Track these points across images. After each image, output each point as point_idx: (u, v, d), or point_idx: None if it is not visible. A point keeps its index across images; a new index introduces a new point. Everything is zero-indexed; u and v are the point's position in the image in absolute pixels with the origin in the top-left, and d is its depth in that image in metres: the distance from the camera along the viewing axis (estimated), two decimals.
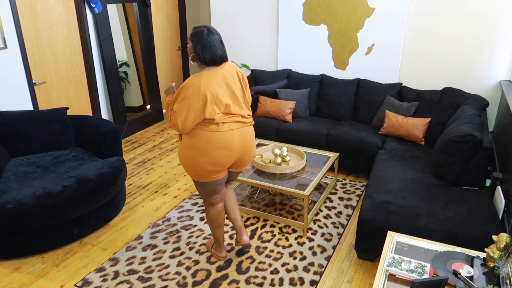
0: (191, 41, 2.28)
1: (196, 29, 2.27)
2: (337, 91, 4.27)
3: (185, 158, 2.37)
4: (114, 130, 3.34)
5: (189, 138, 2.32)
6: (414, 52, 4.07)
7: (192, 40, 2.27)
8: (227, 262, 2.71)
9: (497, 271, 1.78)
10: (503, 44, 3.69)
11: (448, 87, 3.92)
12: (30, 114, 3.28)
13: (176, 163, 4.27)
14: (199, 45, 2.23)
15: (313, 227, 3.12)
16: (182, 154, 2.39)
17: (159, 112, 5.62)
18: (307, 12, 4.43)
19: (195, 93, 2.19)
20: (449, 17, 3.82)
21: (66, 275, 2.59)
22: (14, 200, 2.57)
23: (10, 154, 3.18)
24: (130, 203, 3.45)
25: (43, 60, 3.93)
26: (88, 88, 4.51)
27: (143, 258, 2.75)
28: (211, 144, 2.28)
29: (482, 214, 2.44)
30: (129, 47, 5.41)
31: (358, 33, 4.24)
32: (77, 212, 2.79)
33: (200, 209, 3.36)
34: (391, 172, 3.01)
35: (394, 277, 1.83)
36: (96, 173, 2.95)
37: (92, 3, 4.22)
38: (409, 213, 2.49)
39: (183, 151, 2.37)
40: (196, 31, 2.26)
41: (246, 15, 4.78)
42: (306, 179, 3.19)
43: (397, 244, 2.06)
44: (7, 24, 3.47)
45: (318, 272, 2.63)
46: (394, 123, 3.73)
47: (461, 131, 2.75)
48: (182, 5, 5.94)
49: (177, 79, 6.23)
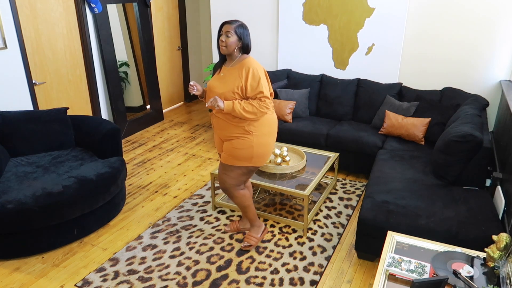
0: (236, 34, 2.47)
1: (238, 21, 2.50)
2: (337, 91, 4.27)
3: (263, 146, 2.59)
4: (114, 130, 3.34)
5: (263, 127, 2.56)
6: (414, 52, 4.07)
7: (238, 32, 2.48)
8: (227, 262, 2.71)
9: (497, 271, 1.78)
10: (503, 44, 3.69)
11: (448, 87, 3.92)
12: (30, 114, 3.28)
13: (176, 163, 4.27)
14: (249, 36, 2.54)
15: (313, 227, 3.12)
16: (260, 142, 2.56)
17: (159, 112, 5.62)
18: (307, 12, 4.43)
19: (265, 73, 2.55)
20: (449, 17, 3.82)
21: (66, 275, 2.59)
22: (14, 200, 2.57)
23: (10, 154, 3.18)
24: (130, 203, 3.45)
25: (43, 60, 3.93)
26: (88, 88, 4.51)
27: (143, 258, 2.75)
28: (275, 124, 2.68)
29: (482, 214, 2.44)
30: (129, 47, 5.41)
31: (358, 33, 4.24)
32: (77, 212, 2.79)
33: (200, 209, 3.36)
34: (391, 172, 3.01)
35: (394, 277, 1.83)
36: (96, 173, 2.95)
37: (92, 3, 4.22)
38: (409, 213, 2.49)
39: (261, 139, 2.56)
40: (242, 23, 2.51)
41: (246, 15, 4.78)
42: (306, 179, 3.19)
43: (397, 244, 2.06)
44: (7, 24, 3.47)
45: (318, 272, 2.63)
46: (394, 123, 3.73)
47: (461, 131, 2.75)
48: (182, 5, 5.95)
49: (177, 79, 6.23)
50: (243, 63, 2.50)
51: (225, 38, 2.46)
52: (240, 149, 2.56)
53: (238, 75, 2.48)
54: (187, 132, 5.21)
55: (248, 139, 2.55)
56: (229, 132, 2.58)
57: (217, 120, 2.62)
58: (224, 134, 2.62)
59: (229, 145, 2.61)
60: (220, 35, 2.49)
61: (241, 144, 2.56)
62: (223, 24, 2.49)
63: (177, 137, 5.04)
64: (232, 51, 2.51)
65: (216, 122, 2.64)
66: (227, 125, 2.58)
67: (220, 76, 2.58)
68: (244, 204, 2.79)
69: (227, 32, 2.45)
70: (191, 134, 5.12)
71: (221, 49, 2.51)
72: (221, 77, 2.57)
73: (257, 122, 2.55)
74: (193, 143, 4.82)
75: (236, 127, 2.55)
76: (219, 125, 2.63)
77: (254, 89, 2.47)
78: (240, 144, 2.56)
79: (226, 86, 2.51)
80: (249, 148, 2.56)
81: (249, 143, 2.55)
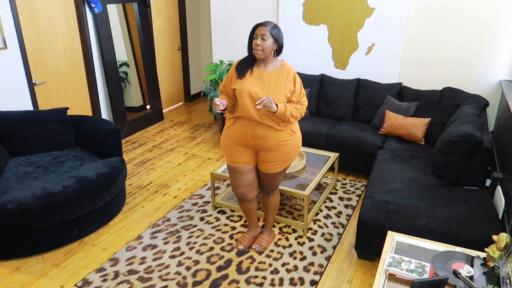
0: (272, 36, 2.35)
1: (271, 23, 2.38)
2: (337, 91, 4.27)
3: (299, 146, 2.61)
4: (114, 130, 3.34)
5: (295, 126, 2.57)
6: (414, 52, 4.07)
7: (273, 34, 2.35)
8: (227, 262, 2.71)
9: (497, 271, 1.78)
10: (503, 44, 3.69)
11: (448, 87, 3.91)
12: (30, 114, 3.27)
13: (176, 163, 4.27)
14: (283, 37, 2.43)
15: (313, 227, 3.12)
16: (298, 143, 2.59)
17: (159, 112, 5.62)
18: (307, 12, 4.42)
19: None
20: (449, 17, 3.81)
21: (66, 275, 2.59)
22: (14, 200, 2.57)
23: (10, 154, 3.18)
24: (130, 203, 3.45)
25: (43, 60, 3.93)
26: (88, 88, 4.51)
27: (143, 258, 2.75)
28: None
29: (482, 214, 2.44)
30: (129, 47, 5.41)
31: (358, 33, 4.24)
32: (77, 212, 2.79)
33: (200, 209, 3.36)
34: (391, 172, 3.01)
35: (394, 277, 1.83)
36: (96, 173, 2.95)
37: (92, 3, 4.22)
38: (409, 213, 2.49)
39: (298, 140, 2.59)
40: (275, 24, 2.40)
41: (246, 15, 4.78)
42: (306, 179, 3.18)
43: (397, 244, 2.06)
44: (7, 24, 3.47)
45: (318, 272, 2.63)
46: (394, 123, 3.73)
47: (461, 131, 2.75)
48: (182, 5, 5.94)
49: (177, 79, 6.23)
50: (286, 67, 2.44)
51: (261, 42, 2.31)
52: (291, 153, 2.54)
53: (285, 79, 2.39)
54: (187, 132, 5.22)
55: (294, 140, 2.54)
56: (277, 140, 2.45)
57: (263, 129, 2.42)
58: (270, 143, 2.46)
59: (278, 154, 2.50)
60: (254, 38, 2.35)
61: (290, 147, 2.53)
62: (257, 26, 2.35)
63: (177, 137, 5.04)
64: (268, 55, 2.37)
65: (260, 132, 2.43)
66: (275, 133, 2.43)
67: (261, 81, 2.39)
68: (276, 204, 2.83)
69: (262, 35, 2.31)
70: (191, 134, 5.12)
71: (257, 53, 2.34)
72: (261, 82, 2.38)
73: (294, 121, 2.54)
74: (193, 143, 4.82)
75: (284, 132, 2.46)
76: (264, 134, 2.43)
77: (299, 93, 2.45)
78: (289, 148, 2.52)
79: (276, 91, 2.37)
80: (297, 147, 2.59)
81: (296, 143, 2.57)
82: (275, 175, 2.61)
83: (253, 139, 2.45)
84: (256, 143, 2.48)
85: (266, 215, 2.87)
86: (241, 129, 2.47)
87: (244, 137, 2.47)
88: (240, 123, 2.47)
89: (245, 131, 2.45)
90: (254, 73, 2.41)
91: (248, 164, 2.58)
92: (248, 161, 2.57)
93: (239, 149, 2.54)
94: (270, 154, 2.50)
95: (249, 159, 2.57)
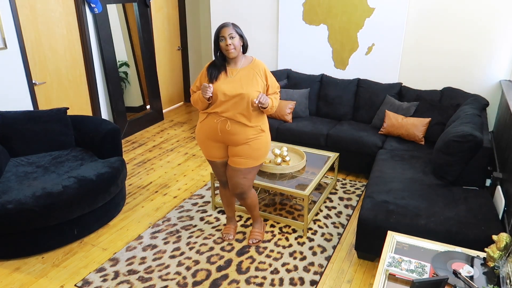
0: (238, 34, 2.45)
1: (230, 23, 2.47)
2: (337, 91, 4.27)
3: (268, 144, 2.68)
4: (114, 130, 3.34)
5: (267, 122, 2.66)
6: (414, 52, 4.07)
7: (238, 32, 2.45)
8: (227, 262, 2.71)
9: (497, 271, 1.78)
10: (503, 44, 3.68)
11: (448, 87, 3.91)
12: (30, 114, 3.27)
13: (176, 163, 4.27)
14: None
15: (313, 227, 3.12)
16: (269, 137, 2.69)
17: (159, 112, 5.62)
18: (307, 12, 4.42)
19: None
20: (449, 17, 3.81)
21: (66, 275, 2.59)
22: (14, 200, 2.57)
23: (10, 154, 3.18)
24: (130, 203, 3.45)
25: (43, 60, 3.93)
26: (88, 88, 4.51)
27: (143, 258, 2.75)
28: None
29: (482, 214, 2.44)
30: (129, 47, 5.41)
31: (358, 33, 4.24)
32: (77, 212, 2.79)
33: (200, 209, 3.36)
34: (391, 172, 3.01)
35: (394, 277, 1.83)
36: (96, 173, 2.95)
37: (92, 3, 4.22)
38: (409, 213, 2.49)
39: (267, 138, 2.67)
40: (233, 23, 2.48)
41: (246, 15, 4.78)
42: (306, 179, 3.19)
43: (397, 244, 2.06)
44: (7, 24, 3.47)
45: (318, 272, 2.63)
46: (394, 123, 3.73)
47: (461, 131, 2.75)
48: (182, 5, 5.95)
49: (177, 79, 6.23)
50: (255, 62, 2.55)
51: (231, 41, 2.40)
52: (259, 149, 2.61)
53: (255, 74, 2.50)
54: (187, 132, 5.21)
55: (263, 137, 2.62)
56: (246, 135, 2.54)
57: (232, 125, 2.50)
58: (238, 138, 2.54)
59: (246, 148, 2.57)
60: (221, 40, 2.42)
61: (259, 143, 2.60)
62: (220, 29, 2.43)
63: (177, 137, 5.04)
64: (239, 51, 2.48)
65: (230, 128, 2.51)
66: (244, 129, 2.52)
67: (233, 78, 2.48)
68: (255, 202, 2.86)
69: (230, 34, 2.39)
70: (191, 134, 5.12)
71: (230, 53, 2.42)
72: (234, 79, 2.48)
73: (264, 119, 2.64)
74: (193, 143, 4.82)
75: (253, 129, 2.55)
76: (233, 130, 2.51)
77: (273, 85, 2.60)
78: (258, 144, 2.60)
79: (249, 87, 2.45)
80: (266, 145, 2.65)
81: (265, 140, 2.64)
82: (243, 172, 2.64)
83: (222, 133, 2.55)
84: (225, 138, 2.57)
85: (250, 212, 2.95)
86: (212, 124, 2.55)
87: (214, 132, 2.56)
88: (211, 118, 2.54)
89: (215, 126, 2.54)
90: (226, 73, 2.51)
91: (222, 159, 2.70)
92: (221, 155, 2.68)
93: (211, 144, 2.64)
94: (239, 148, 2.59)
95: (221, 153, 2.67)
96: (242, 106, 2.47)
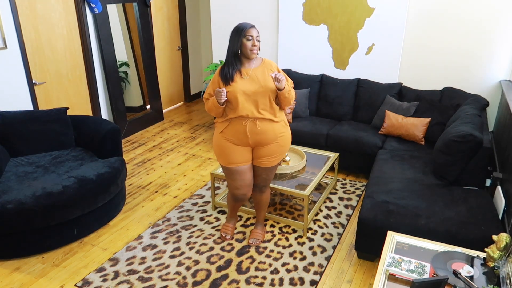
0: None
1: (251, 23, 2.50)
2: (337, 91, 4.27)
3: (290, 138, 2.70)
4: (114, 130, 3.34)
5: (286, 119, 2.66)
6: (414, 52, 4.07)
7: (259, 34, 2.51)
8: (227, 262, 2.71)
9: (497, 271, 1.78)
10: (503, 44, 3.68)
11: (448, 87, 3.91)
12: (30, 114, 3.28)
13: (176, 163, 4.27)
14: None
15: (313, 227, 3.12)
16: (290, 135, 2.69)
17: (159, 112, 5.62)
18: (307, 12, 4.42)
19: None
20: (449, 17, 3.81)
21: (66, 275, 2.59)
22: (14, 200, 2.57)
23: (10, 154, 3.18)
24: (130, 203, 3.45)
25: (43, 60, 3.93)
26: (88, 88, 4.51)
27: (143, 258, 2.75)
28: None
29: (482, 214, 2.44)
30: (129, 47, 5.41)
31: (358, 33, 4.24)
32: (77, 212, 2.79)
33: (200, 209, 3.36)
34: (391, 172, 3.01)
35: (394, 277, 1.83)
36: (96, 173, 2.95)
37: (92, 3, 4.22)
38: (409, 213, 2.49)
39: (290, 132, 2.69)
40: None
41: (246, 15, 4.77)
42: (306, 179, 3.18)
43: (397, 244, 2.06)
44: (7, 24, 3.47)
45: (318, 272, 2.63)
46: (394, 123, 3.73)
47: (461, 131, 2.75)
48: (182, 5, 5.95)
49: (177, 79, 6.23)
50: (266, 62, 2.56)
51: (257, 43, 2.44)
52: (285, 145, 2.67)
53: (270, 72, 2.51)
54: (187, 132, 5.22)
55: (287, 132, 2.66)
56: (275, 132, 2.55)
57: (262, 123, 2.49)
58: (268, 137, 2.54)
59: (275, 147, 2.58)
60: (249, 39, 2.41)
61: (285, 139, 2.64)
62: (249, 27, 2.42)
63: (177, 137, 5.04)
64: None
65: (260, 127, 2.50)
66: (272, 125, 2.53)
67: (249, 79, 2.47)
68: (268, 199, 2.90)
69: (257, 36, 2.44)
70: (191, 134, 5.12)
71: (254, 53, 2.45)
72: (250, 79, 2.47)
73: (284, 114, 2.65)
74: (193, 143, 4.82)
75: (279, 124, 2.58)
76: (263, 128, 2.50)
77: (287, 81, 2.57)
78: (285, 140, 2.64)
79: (265, 85, 2.46)
80: (289, 139, 2.69)
81: (289, 135, 2.68)
82: (270, 169, 2.69)
83: (252, 135, 2.51)
84: (254, 139, 2.54)
85: (258, 212, 2.95)
86: (238, 128, 2.51)
87: (243, 136, 2.52)
88: (237, 123, 2.51)
89: (243, 129, 2.50)
90: (240, 74, 2.49)
91: (245, 163, 2.64)
92: (245, 159, 2.63)
93: (236, 149, 2.58)
94: (268, 148, 2.58)
95: (245, 157, 2.63)
96: (264, 102, 2.47)
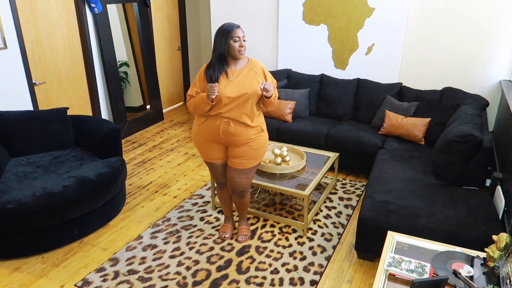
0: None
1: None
2: (337, 91, 4.27)
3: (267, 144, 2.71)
4: (114, 130, 3.34)
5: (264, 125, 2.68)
6: (414, 52, 4.07)
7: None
8: (227, 262, 2.71)
9: (497, 271, 1.78)
10: (503, 44, 3.68)
11: (448, 87, 3.91)
12: (30, 114, 3.28)
13: (176, 163, 4.27)
14: None
15: (313, 227, 3.12)
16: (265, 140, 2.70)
17: (159, 112, 5.62)
18: (307, 12, 4.42)
19: None
20: (449, 17, 3.81)
21: (66, 275, 2.59)
22: (14, 200, 2.57)
23: (10, 154, 3.18)
24: (130, 203, 3.45)
25: (43, 60, 3.93)
26: (88, 88, 4.51)
27: (143, 258, 2.75)
28: None
29: (482, 214, 2.44)
30: (129, 47, 5.41)
31: (358, 33, 4.24)
32: (77, 212, 2.79)
33: (200, 209, 3.36)
34: (391, 172, 3.01)
35: (394, 277, 1.83)
36: (96, 173, 2.95)
37: (92, 3, 4.22)
38: (409, 213, 2.49)
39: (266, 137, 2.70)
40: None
41: (246, 15, 4.78)
42: (306, 179, 3.19)
43: (397, 244, 2.06)
44: (7, 24, 3.47)
45: (318, 272, 2.63)
46: (394, 123, 3.73)
47: (461, 131, 2.75)
48: (182, 5, 5.95)
49: (177, 79, 6.23)
50: (252, 62, 2.56)
51: (244, 43, 2.44)
52: (259, 149, 2.64)
53: (255, 74, 2.51)
54: (187, 132, 5.21)
55: (262, 137, 2.65)
56: (247, 136, 2.55)
57: (235, 126, 2.50)
58: (240, 139, 2.55)
59: (247, 149, 2.59)
60: (235, 40, 2.40)
61: (259, 143, 2.63)
62: (235, 28, 2.40)
63: (177, 137, 5.04)
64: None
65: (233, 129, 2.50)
66: (246, 129, 2.53)
67: (234, 81, 2.45)
68: (249, 200, 2.91)
69: (243, 36, 2.44)
70: (191, 134, 5.12)
71: (241, 54, 2.45)
72: (235, 81, 2.45)
73: (263, 119, 2.68)
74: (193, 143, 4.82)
75: (255, 129, 2.59)
76: (236, 131, 2.51)
77: (273, 82, 2.61)
78: (258, 144, 2.62)
79: (251, 85, 2.46)
80: (265, 144, 2.69)
81: (264, 140, 2.67)
82: (244, 172, 2.67)
83: (225, 135, 2.54)
84: (227, 139, 2.57)
85: (240, 211, 2.97)
86: (213, 126, 2.54)
87: (216, 134, 2.55)
88: (212, 120, 2.53)
89: (217, 128, 2.53)
90: (226, 75, 2.48)
91: (221, 160, 2.71)
92: (220, 157, 2.69)
93: (210, 146, 2.64)
94: (240, 149, 2.60)
95: (221, 154, 2.68)
96: (246, 107, 2.48)
